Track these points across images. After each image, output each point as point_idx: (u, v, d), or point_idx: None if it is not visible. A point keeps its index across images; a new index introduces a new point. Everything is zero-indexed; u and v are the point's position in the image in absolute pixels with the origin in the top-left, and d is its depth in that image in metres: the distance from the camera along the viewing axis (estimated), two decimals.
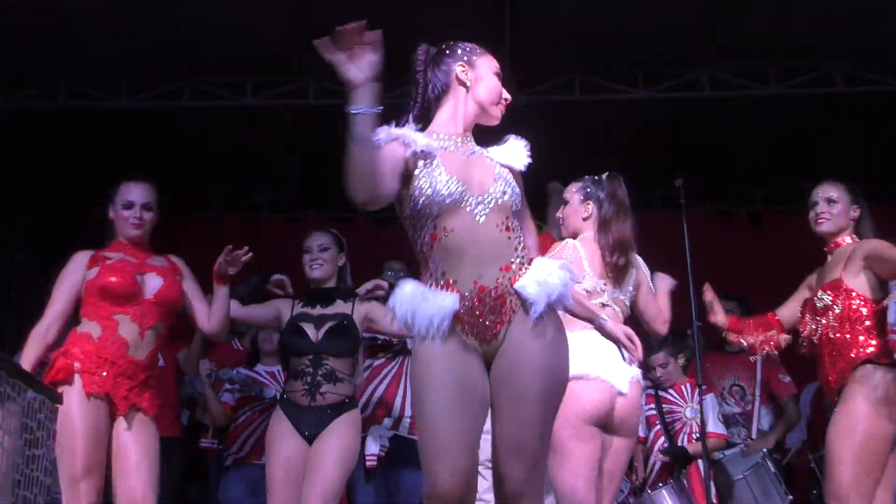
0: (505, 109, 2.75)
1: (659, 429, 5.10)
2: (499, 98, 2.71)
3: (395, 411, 4.78)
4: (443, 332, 2.45)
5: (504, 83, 2.76)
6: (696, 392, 4.96)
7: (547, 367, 2.49)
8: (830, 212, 3.66)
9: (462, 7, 4.92)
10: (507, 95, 2.73)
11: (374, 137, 2.40)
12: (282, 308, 4.14)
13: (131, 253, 3.59)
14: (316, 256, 4.14)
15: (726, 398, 5.44)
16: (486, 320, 2.49)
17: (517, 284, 2.51)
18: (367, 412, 4.71)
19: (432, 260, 2.54)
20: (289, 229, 7.13)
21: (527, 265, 2.56)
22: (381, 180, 2.44)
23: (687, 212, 4.41)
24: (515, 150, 2.70)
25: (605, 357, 3.29)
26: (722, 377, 5.49)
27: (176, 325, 3.73)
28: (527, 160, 2.69)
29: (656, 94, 5.82)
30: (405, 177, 2.55)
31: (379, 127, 2.45)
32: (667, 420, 5.11)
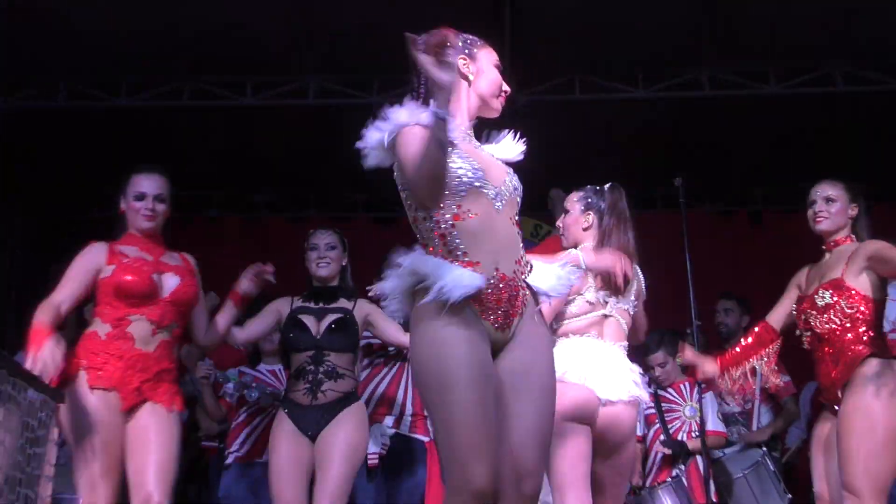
0: (504, 102, 2.75)
1: (658, 427, 5.10)
2: (499, 90, 2.72)
3: (397, 409, 4.77)
4: (467, 295, 2.40)
5: (504, 80, 2.76)
6: (695, 391, 5.00)
7: (552, 361, 2.59)
8: (829, 210, 3.67)
9: (462, 8, 4.92)
10: (506, 87, 2.74)
11: (447, 138, 2.42)
12: (281, 308, 4.14)
13: (146, 248, 3.48)
14: (323, 255, 4.15)
15: (726, 397, 5.37)
16: (504, 307, 2.50)
17: (530, 279, 2.58)
18: (368, 410, 4.63)
19: (450, 239, 2.51)
20: (289, 229, 7.14)
21: (528, 263, 2.61)
22: (445, 175, 2.47)
23: (687, 211, 4.42)
24: (512, 148, 2.73)
25: (594, 366, 3.27)
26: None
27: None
28: (521, 158, 2.72)
29: (656, 93, 5.82)
30: None
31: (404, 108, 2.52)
32: (666, 418, 5.11)
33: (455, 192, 2.50)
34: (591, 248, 3.39)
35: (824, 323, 3.58)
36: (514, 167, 2.71)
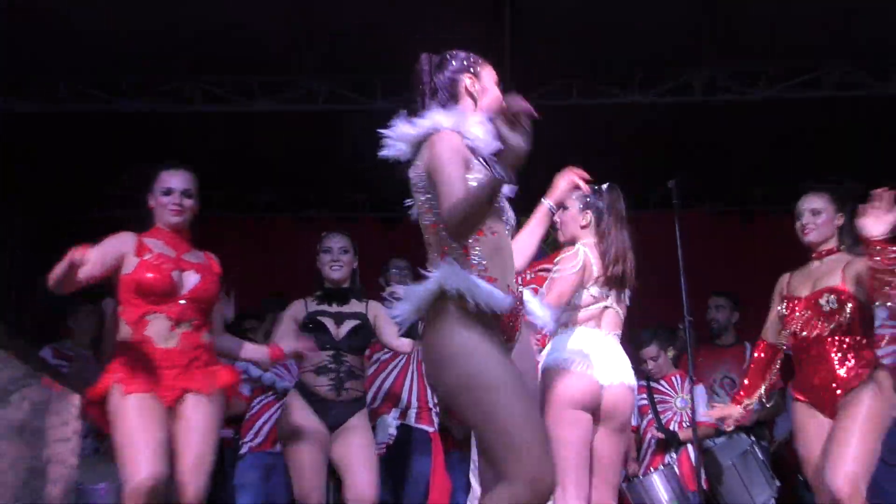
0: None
1: (651, 418, 5.33)
2: (500, 107, 2.74)
3: (403, 402, 5.01)
4: (497, 312, 2.50)
5: (501, 87, 2.82)
6: (686, 383, 5.24)
7: (536, 365, 2.84)
8: (815, 222, 3.77)
9: (462, 8, 4.93)
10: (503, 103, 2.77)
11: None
12: (296, 314, 4.30)
13: (171, 243, 3.53)
14: (337, 258, 4.31)
15: (717, 389, 5.74)
16: (512, 322, 2.61)
17: (527, 301, 2.84)
18: (376, 404, 4.95)
19: (472, 253, 2.56)
20: (295, 229, 7.24)
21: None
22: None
23: (684, 211, 4.54)
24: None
25: (596, 354, 3.45)
26: (714, 370, 5.80)
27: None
28: None
29: (654, 97, 5.87)
30: None
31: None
32: (658, 409, 5.34)
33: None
34: (592, 245, 3.57)
35: (834, 326, 3.64)
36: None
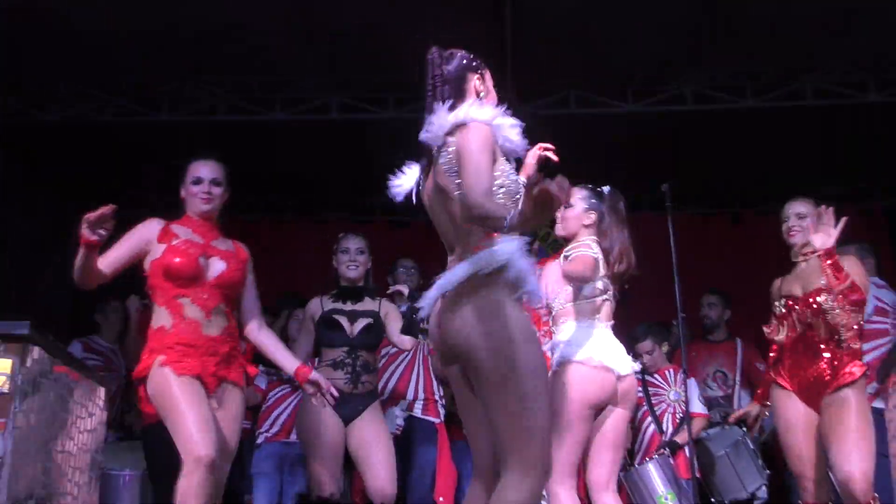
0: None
1: (646, 410, 5.52)
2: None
3: (410, 394, 5.25)
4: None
5: (500, 93, 2.89)
6: (679, 376, 5.38)
7: None
8: (800, 225, 4.09)
9: (462, 8, 4.92)
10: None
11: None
12: (313, 312, 4.53)
13: (199, 231, 3.62)
14: (354, 258, 4.55)
15: (710, 383, 6.00)
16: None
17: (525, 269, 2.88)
18: (384, 396, 5.10)
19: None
20: (311, 230, 7.48)
21: None
22: None
23: (675, 213, 4.76)
24: None
25: (607, 348, 3.67)
26: (707, 364, 6.09)
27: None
28: None
29: (647, 107, 5.99)
30: None
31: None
32: (653, 402, 5.53)
33: (511, 199, 2.65)
34: (595, 241, 3.79)
35: (833, 323, 3.89)
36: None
